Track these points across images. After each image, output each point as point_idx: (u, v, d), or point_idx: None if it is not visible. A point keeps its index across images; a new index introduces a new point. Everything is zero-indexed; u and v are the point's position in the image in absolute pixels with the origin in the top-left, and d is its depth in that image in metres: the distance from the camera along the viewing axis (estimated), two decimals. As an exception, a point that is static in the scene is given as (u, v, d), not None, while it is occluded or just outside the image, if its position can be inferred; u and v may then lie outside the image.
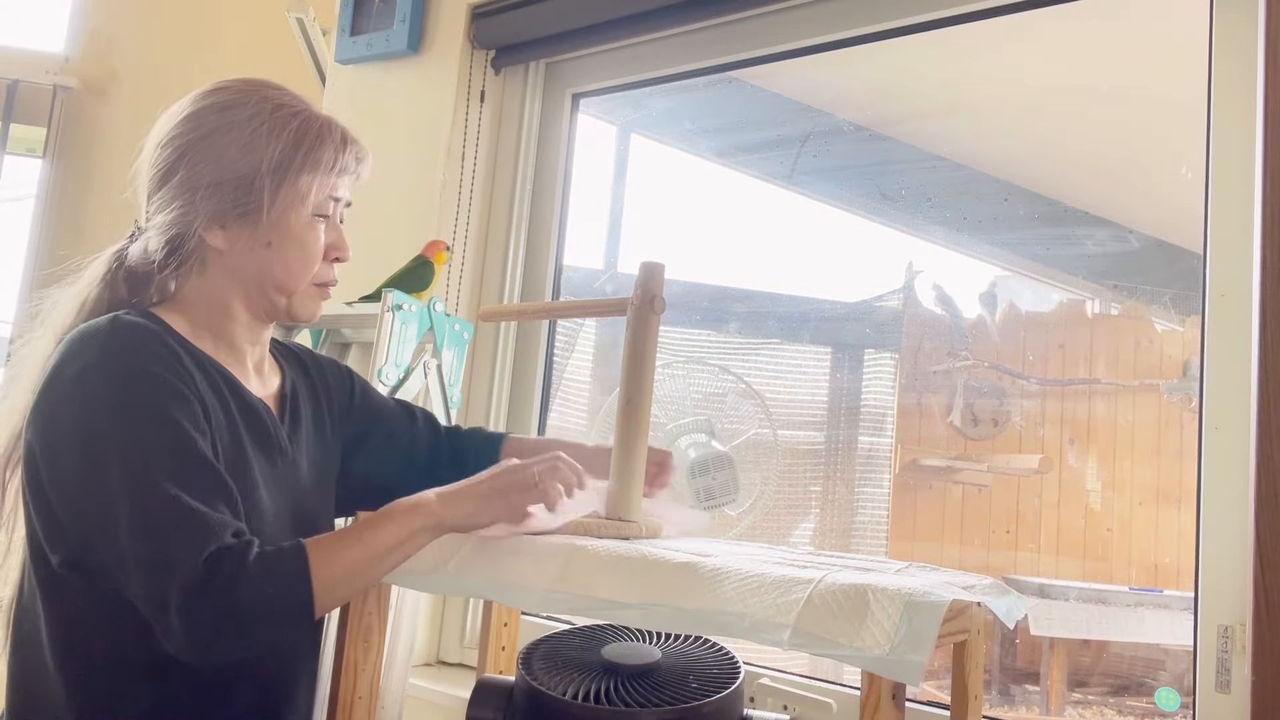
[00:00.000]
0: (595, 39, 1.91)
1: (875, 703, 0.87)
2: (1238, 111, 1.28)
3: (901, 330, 2.99)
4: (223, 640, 0.92)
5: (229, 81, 1.09)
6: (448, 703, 1.73)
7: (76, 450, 0.95)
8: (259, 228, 1.05)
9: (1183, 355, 2.86)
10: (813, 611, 0.87)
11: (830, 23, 1.72)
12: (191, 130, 1.05)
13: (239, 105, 1.06)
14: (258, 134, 1.04)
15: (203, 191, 1.03)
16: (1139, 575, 2.77)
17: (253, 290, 1.08)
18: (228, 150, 1.04)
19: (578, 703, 0.97)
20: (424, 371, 1.64)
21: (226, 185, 1.03)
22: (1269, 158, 1.11)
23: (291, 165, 1.05)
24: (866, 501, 2.84)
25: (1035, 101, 2.68)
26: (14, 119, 2.70)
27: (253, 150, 1.04)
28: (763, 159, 2.77)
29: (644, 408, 1.18)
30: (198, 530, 0.92)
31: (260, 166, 1.03)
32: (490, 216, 2.06)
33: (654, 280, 1.19)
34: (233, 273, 1.07)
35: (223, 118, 1.05)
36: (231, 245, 1.06)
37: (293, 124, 1.06)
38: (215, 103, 1.06)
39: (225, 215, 1.04)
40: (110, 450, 0.93)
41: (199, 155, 1.04)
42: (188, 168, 1.04)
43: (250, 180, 1.03)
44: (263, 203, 1.04)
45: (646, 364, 1.18)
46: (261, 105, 1.06)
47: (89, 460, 0.94)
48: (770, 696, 1.47)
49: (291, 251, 1.07)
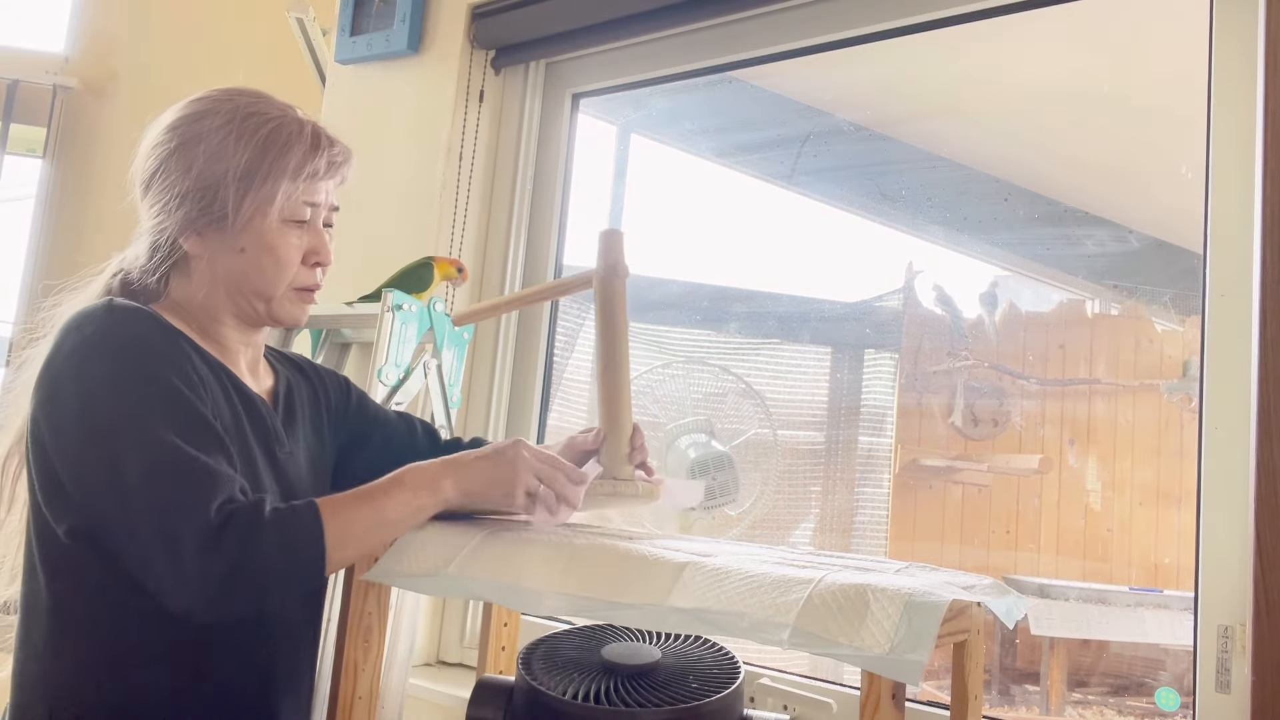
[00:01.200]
0: (595, 39, 1.91)
1: (875, 703, 0.87)
2: (1238, 111, 1.28)
3: (901, 330, 2.99)
4: (232, 595, 0.92)
5: (210, 92, 1.12)
6: (448, 703, 1.73)
7: (77, 413, 0.96)
8: (230, 234, 1.08)
9: (1183, 355, 2.86)
10: (813, 611, 0.87)
11: (830, 23, 1.72)
12: (169, 140, 1.08)
13: (211, 114, 1.08)
14: (225, 142, 1.06)
15: (177, 199, 1.07)
16: (1139, 575, 2.77)
17: (234, 294, 1.11)
18: (197, 159, 1.07)
19: (578, 703, 0.97)
20: (424, 371, 1.65)
21: (196, 193, 1.06)
22: (1269, 158, 1.11)
23: (258, 172, 1.06)
24: (866, 501, 2.84)
25: (1035, 102, 2.68)
26: (14, 119, 2.71)
27: (219, 158, 1.06)
28: (763, 159, 2.77)
29: (623, 369, 1.20)
30: (206, 478, 0.93)
31: (227, 173, 1.06)
32: (490, 216, 2.06)
33: (614, 248, 1.23)
34: (213, 277, 1.10)
35: (195, 127, 1.08)
36: (208, 251, 1.09)
37: (261, 131, 1.07)
38: (192, 113, 1.09)
39: (198, 222, 1.07)
40: (112, 408, 0.95)
41: (173, 164, 1.07)
42: (164, 176, 1.08)
43: (217, 188, 1.06)
44: (228, 209, 1.06)
45: (619, 327, 1.21)
46: (233, 114, 1.08)
47: (91, 421, 0.95)
48: (770, 696, 1.47)
49: (264, 258, 1.09)
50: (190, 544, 0.90)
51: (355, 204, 2.05)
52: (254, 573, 0.92)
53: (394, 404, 1.59)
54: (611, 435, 1.19)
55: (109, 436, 0.94)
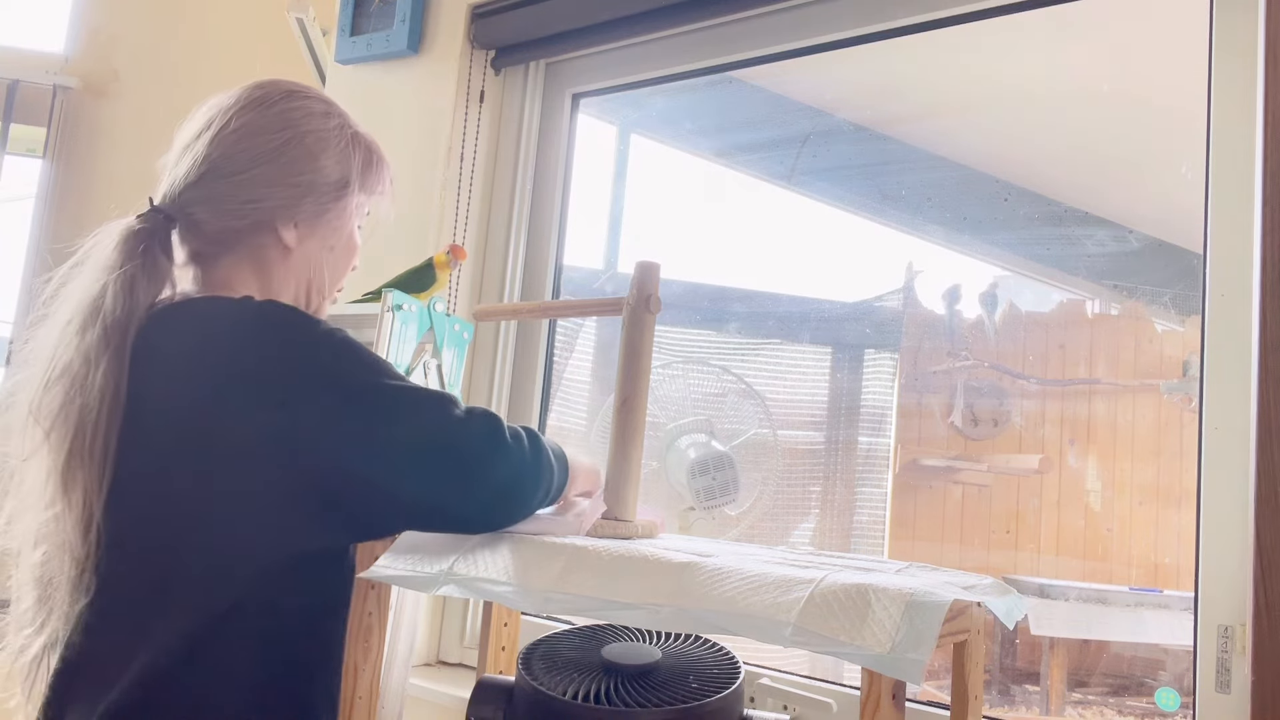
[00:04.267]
0: (595, 39, 1.91)
1: (875, 702, 0.87)
2: (1238, 111, 1.28)
3: (901, 330, 2.99)
4: (521, 492, 1.04)
5: (295, 86, 1.14)
6: (448, 703, 1.73)
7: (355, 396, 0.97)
8: (328, 232, 1.13)
9: (1183, 355, 2.86)
10: (814, 610, 0.87)
11: (830, 23, 1.72)
12: (287, 125, 1.09)
13: (331, 115, 1.13)
14: (349, 146, 1.13)
15: (296, 188, 1.09)
16: (1139, 575, 2.77)
17: (303, 286, 1.13)
18: (324, 154, 1.11)
19: (578, 703, 0.97)
20: (424, 371, 1.64)
21: (317, 187, 1.10)
22: (1269, 158, 1.11)
23: (365, 182, 1.16)
24: (866, 501, 2.84)
25: (1036, 101, 2.68)
26: (14, 119, 2.71)
27: (343, 160, 1.12)
28: (763, 159, 2.77)
29: (640, 408, 1.18)
30: (458, 401, 1.02)
31: (348, 176, 1.13)
32: (490, 216, 2.06)
33: (649, 280, 1.19)
34: (290, 268, 1.11)
35: (315, 123, 1.11)
36: (300, 243, 1.11)
37: (362, 142, 1.16)
38: (302, 107, 1.11)
39: (304, 213, 1.10)
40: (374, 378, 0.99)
41: (297, 151, 1.09)
42: (282, 162, 1.08)
43: (338, 187, 1.12)
44: (340, 210, 1.13)
45: (642, 364, 1.19)
46: (344, 120, 1.15)
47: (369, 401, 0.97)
48: (770, 696, 1.47)
49: (344, 260, 1.17)
50: (505, 432, 1.01)
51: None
52: (533, 479, 1.04)
53: (394, 404, 1.59)
54: (619, 475, 1.18)
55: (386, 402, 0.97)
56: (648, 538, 1.18)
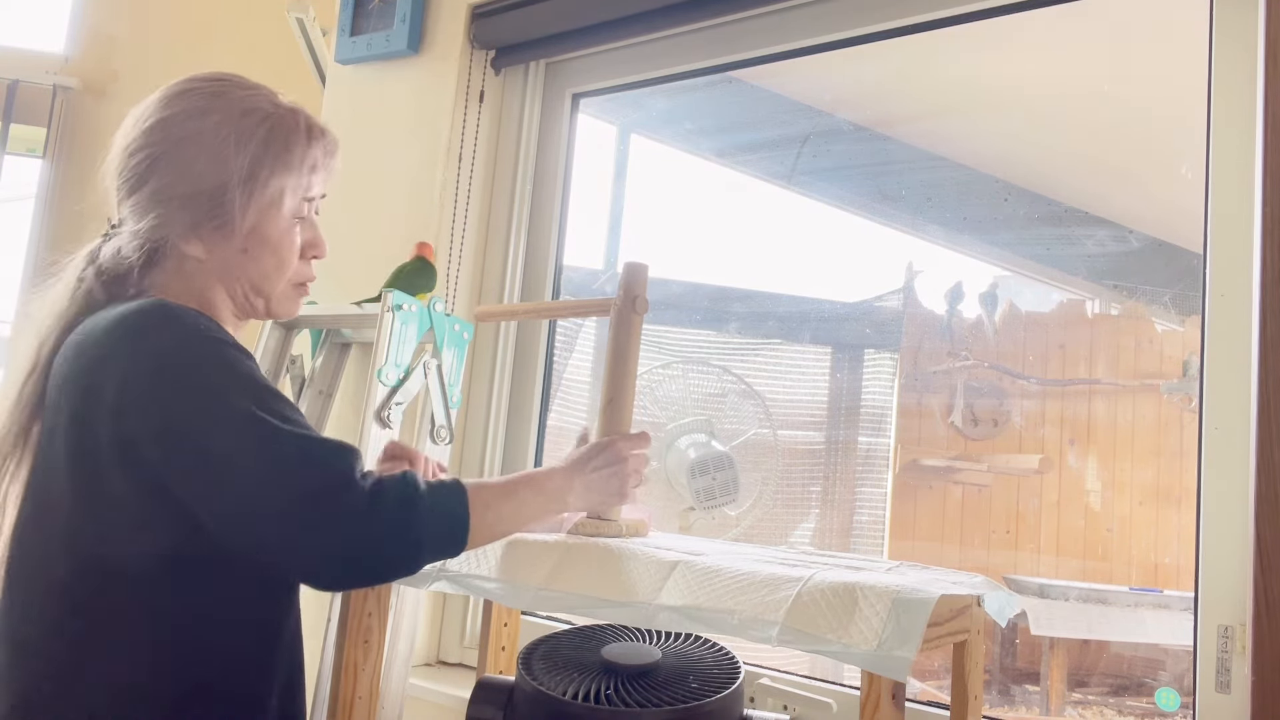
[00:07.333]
0: (595, 39, 1.91)
1: (875, 702, 0.87)
2: (1238, 111, 1.28)
3: (901, 330, 2.99)
4: (380, 562, 0.93)
5: (194, 83, 1.08)
6: (448, 703, 1.73)
7: (192, 415, 0.93)
8: (234, 236, 1.05)
9: (1183, 355, 2.86)
10: (801, 609, 0.87)
11: (830, 23, 1.72)
12: (161, 139, 1.05)
13: (204, 112, 1.05)
14: (226, 143, 1.03)
15: (176, 203, 1.03)
16: (1139, 575, 2.77)
17: (234, 292, 1.09)
18: (197, 162, 1.03)
19: (578, 703, 0.97)
20: (424, 371, 1.64)
21: (199, 197, 1.03)
22: (1269, 158, 1.11)
23: (261, 173, 1.05)
24: (866, 501, 2.84)
25: (1035, 102, 2.68)
26: (14, 119, 2.71)
27: (222, 161, 1.03)
28: (763, 159, 2.77)
29: (626, 407, 1.18)
30: (341, 449, 0.93)
31: (231, 178, 1.03)
32: (490, 216, 2.06)
33: (636, 281, 1.20)
34: (210, 275, 1.07)
35: (190, 126, 1.04)
36: (208, 253, 1.06)
37: (260, 130, 1.05)
38: (182, 110, 1.06)
39: (200, 226, 1.04)
40: (223, 397, 0.93)
41: (169, 166, 1.04)
42: (159, 179, 1.04)
43: (222, 192, 1.03)
44: (234, 213, 1.04)
45: (629, 363, 1.19)
46: (228, 111, 1.05)
47: (210, 415, 0.92)
48: (770, 696, 1.47)
49: (267, 258, 1.08)
50: (345, 504, 0.89)
51: (355, 204, 2.05)
52: (405, 544, 0.93)
53: (394, 404, 1.59)
54: None
55: (229, 428, 0.91)
56: (635, 536, 1.18)
